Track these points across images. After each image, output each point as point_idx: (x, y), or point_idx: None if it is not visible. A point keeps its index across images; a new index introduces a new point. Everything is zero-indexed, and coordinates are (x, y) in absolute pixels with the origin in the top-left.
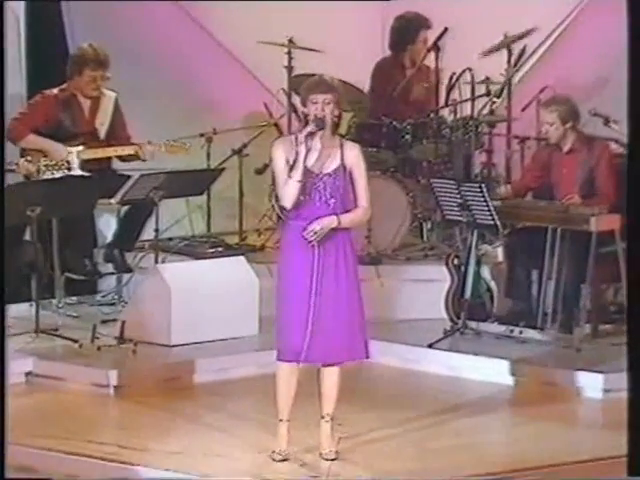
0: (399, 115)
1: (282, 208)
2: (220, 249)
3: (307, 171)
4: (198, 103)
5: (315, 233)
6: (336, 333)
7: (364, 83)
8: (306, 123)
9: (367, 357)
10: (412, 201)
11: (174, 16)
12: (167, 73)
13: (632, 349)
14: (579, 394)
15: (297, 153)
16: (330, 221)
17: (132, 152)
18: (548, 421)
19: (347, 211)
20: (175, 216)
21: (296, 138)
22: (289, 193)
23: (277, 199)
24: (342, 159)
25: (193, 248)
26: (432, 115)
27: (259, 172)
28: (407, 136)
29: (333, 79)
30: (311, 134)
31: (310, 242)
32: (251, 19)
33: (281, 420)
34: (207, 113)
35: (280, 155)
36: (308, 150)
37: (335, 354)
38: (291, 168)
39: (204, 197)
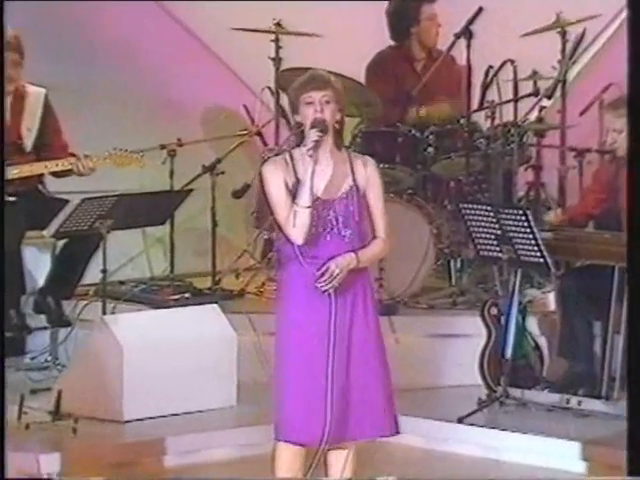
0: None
1: (292, 246)
2: (187, 295)
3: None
4: (159, 106)
5: (333, 278)
6: (360, 404)
7: None
8: (301, 135)
9: (397, 432)
10: (436, 232)
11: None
12: (120, 68)
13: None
14: None
15: (295, 172)
16: (348, 260)
17: (69, 167)
18: None
19: (364, 245)
20: (128, 253)
21: (290, 156)
22: (300, 224)
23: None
24: (354, 179)
25: (152, 294)
26: (462, 121)
27: (237, 195)
28: (430, 148)
29: (329, 74)
30: (317, 142)
31: (325, 290)
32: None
33: None
34: (170, 119)
35: (278, 180)
36: (316, 164)
37: (358, 430)
38: (294, 193)
39: (166, 228)
